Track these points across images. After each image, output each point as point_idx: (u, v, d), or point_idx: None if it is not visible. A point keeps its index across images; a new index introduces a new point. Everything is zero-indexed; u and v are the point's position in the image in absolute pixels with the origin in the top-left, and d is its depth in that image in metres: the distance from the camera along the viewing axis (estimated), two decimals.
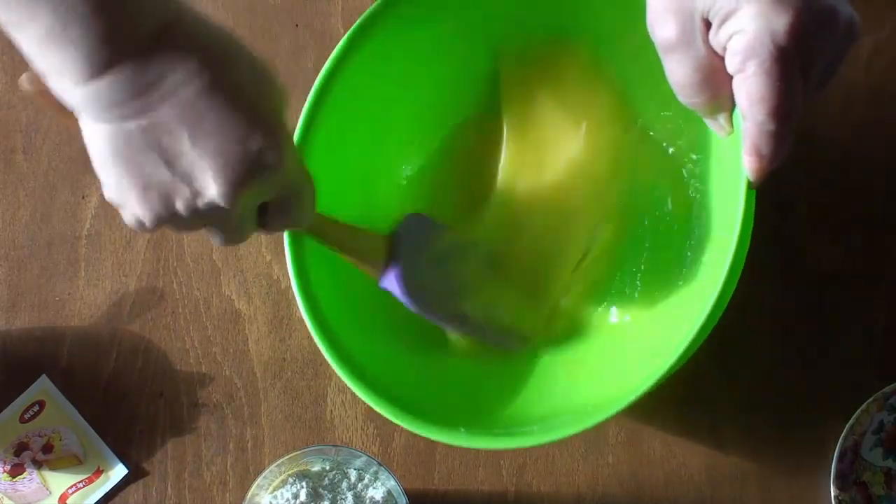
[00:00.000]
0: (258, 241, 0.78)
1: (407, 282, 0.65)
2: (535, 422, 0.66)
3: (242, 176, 0.51)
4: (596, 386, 0.66)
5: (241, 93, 0.51)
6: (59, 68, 0.50)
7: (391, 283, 0.65)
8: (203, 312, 0.78)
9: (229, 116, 0.50)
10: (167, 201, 0.52)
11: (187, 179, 0.51)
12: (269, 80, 0.53)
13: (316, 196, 0.58)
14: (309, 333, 0.76)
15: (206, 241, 0.79)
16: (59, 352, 0.78)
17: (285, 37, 0.81)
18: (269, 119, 0.52)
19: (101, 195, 0.79)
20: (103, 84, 0.49)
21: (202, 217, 0.53)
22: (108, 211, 0.79)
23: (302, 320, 0.77)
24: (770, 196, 0.75)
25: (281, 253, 0.78)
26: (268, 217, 0.57)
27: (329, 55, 0.69)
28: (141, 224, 0.53)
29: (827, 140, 0.77)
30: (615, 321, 0.71)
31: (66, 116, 0.53)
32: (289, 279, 0.77)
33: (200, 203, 0.52)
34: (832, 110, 0.77)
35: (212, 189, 0.51)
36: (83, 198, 0.80)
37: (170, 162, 0.51)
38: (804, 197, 0.76)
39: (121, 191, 0.52)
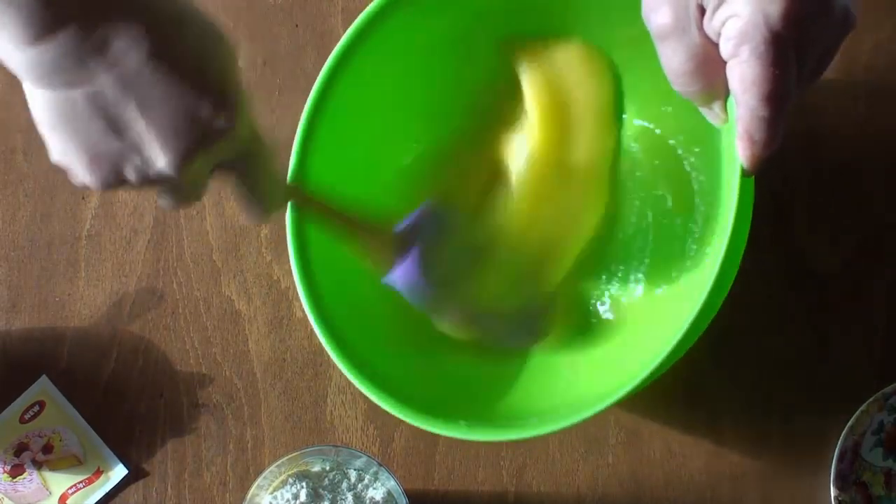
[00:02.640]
0: (258, 241, 0.79)
1: (412, 279, 0.65)
2: (536, 415, 0.66)
3: (192, 145, 0.51)
4: (598, 380, 0.66)
5: (190, 57, 0.50)
6: (6, 33, 0.48)
7: (396, 280, 0.65)
8: (203, 313, 0.78)
9: (177, 84, 0.50)
10: (116, 170, 0.51)
11: (136, 149, 0.51)
12: (218, 39, 0.52)
13: (274, 160, 0.58)
14: (309, 333, 0.77)
15: (207, 241, 0.79)
16: (59, 352, 0.78)
17: (285, 37, 0.81)
18: (220, 83, 0.51)
19: (101, 195, 0.79)
20: (46, 49, 0.48)
21: (152, 183, 0.52)
22: (108, 211, 0.79)
23: (302, 320, 0.77)
24: (770, 196, 0.76)
25: (282, 253, 0.78)
26: (233, 178, 0.56)
27: (329, 55, 0.69)
28: (87, 188, 0.53)
29: (827, 140, 0.77)
30: (618, 316, 0.71)
31: None
32: (289, 279, 0.77)
33: (150, 172, 0.51)
34: (832, 110, 0.77)
35: (161, 160, 0.51)
36: (83, 198, 0.80)
37: (118, 131, 0.50)
38: (804, 197, 0.76)
39: (67, 156, 0.52)
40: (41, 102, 0.51)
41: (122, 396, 0.77)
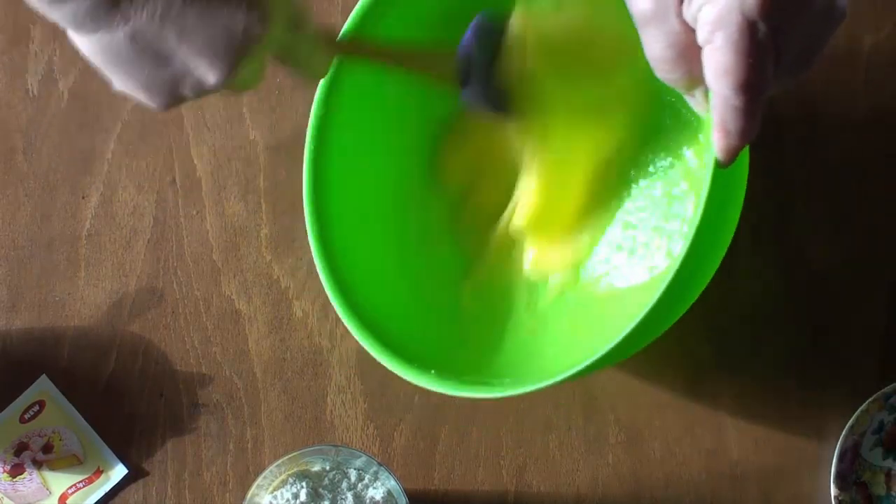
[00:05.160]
0: (258, 241, 0.78)
1: (483, 89, 0.67)
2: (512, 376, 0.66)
3: (236, 56, 0.53)
4: (588, 350, 0.65)
5: None
6: None
7: (469, 95, 0.67)
8: (203, 312, 0.78)
9: (206, 6, 0.52)
10: (173, 92, 0.54)
11: (186, 72, 0.53)
12: None
13: (319, 41, 0.61)
14: (309, 333, 0.77)
15: (207, 240, 0.79)
16: (59, 352, 0.78)
17: None
18: None
19: (102, 195, 0.79)
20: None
21: (211, 93, 0.55)
22: (108, 211, 0.79)
23: (302, 320, 0.77)
24: (770, 196, 0.76)
25: (282, 253, 0.78)
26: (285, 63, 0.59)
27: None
28: (155, 109, 0.56)
29: (827, 140, 0.77)
30: (620, 288, 0.70)
31: None
32: (289, 279, 0.78)
33: (205, 87, 0.54)
34: (832, 110, 0.77)
35: (211, 76, 0.54)
36: (83, 198, 0.80)
37: (165, 61, 0.53)
38: (804, 196, 0.76)
39: (127, 88, 0.54)
40: (90, 48, 0.53)
41: (122, 396, 0.77)
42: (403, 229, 0.75)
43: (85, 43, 0.53)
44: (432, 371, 0.65)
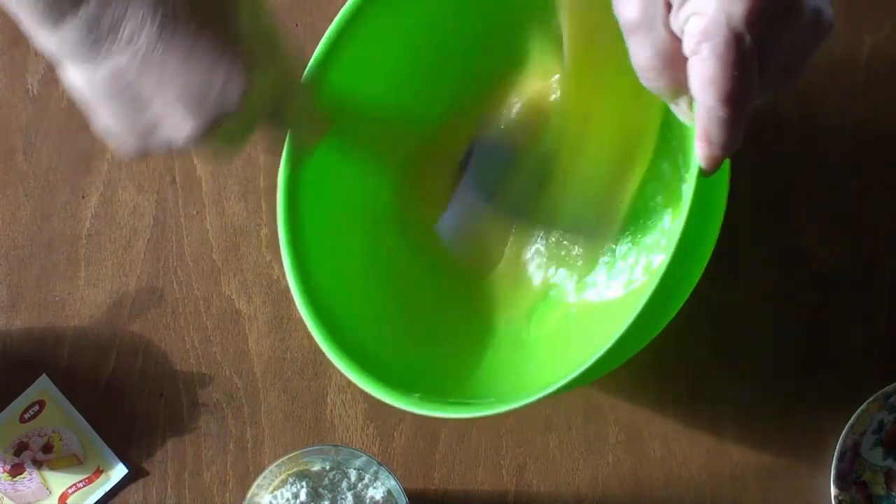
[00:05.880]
0: (258, 241, 0.79)
1: (467, 215, 0.66)
2: (495, 395, 0.66)
3: (211, 115, 0.53)
4: (569, 366, 0.65)
5: (200, 24, 0.51)
6: (33, 18, 0.51)
7: (446, 225, 0.67)
8: (203, 312, 0.78)
9: (187, 58, 0.51)
10: (146, 141, 0.54)
11: (162, 122, 0.53)
12: None
13: (305, 95, 0.60)
14: (309, 333, 0.77)
15: (207, 240, 0.79)
16: (59, 352, 0.78)
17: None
18: (232, 43, 0.52)
19: (101, 195, 0.79)
20: (68, 29, 0.50)
21: (185, 149, 0.54)
22: (108, 211, 0.79)
23: (302, 320, 0.77)
24: (769, 196, 0.76)
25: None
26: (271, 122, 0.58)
27: None
28: (126, 157, 0.55)
29: (827, 140, 0.77)
30: (602, 302, 0.71)
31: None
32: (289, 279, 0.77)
33: (181, 141, 0.53)
34: (832, 110, 0.77)
35: (184, 131, 0.53)
36: (83, 198, 0.80)
37: (143, 106, 0.52)
38: (804, 197, 0.76)
39: (105, 129, 0.54)
40: (75, 81, 0.53)
41: (122, 396, 0.77)
42: (378, 254, 0.74)
43: (72, 75, 0.53)
44: (416, 395, 0.64)
